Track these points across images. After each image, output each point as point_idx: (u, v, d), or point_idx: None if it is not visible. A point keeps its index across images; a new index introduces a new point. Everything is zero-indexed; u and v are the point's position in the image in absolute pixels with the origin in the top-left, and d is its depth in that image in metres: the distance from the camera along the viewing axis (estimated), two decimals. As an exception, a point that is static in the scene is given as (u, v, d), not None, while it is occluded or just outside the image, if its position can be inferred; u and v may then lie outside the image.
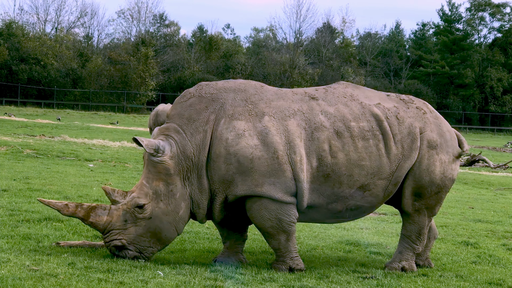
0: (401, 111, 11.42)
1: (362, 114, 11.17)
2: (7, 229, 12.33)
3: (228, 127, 10.71)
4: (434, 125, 11.54)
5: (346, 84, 11.76)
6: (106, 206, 10.73)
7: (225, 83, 11.32)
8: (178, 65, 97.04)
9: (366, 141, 11.01)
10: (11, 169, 21.59)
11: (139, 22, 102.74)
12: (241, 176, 10.59)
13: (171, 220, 10.68)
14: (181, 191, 10.71)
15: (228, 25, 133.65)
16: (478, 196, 24.50)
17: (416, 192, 11.33)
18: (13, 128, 41.47)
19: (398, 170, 11.15)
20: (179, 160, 10.72)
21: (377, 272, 11.12)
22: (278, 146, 10.62)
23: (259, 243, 13.02)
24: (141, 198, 10.60)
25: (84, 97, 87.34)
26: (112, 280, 9.44)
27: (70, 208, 10.64)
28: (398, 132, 11.20)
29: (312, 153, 10.77)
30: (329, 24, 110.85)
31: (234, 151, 10.57)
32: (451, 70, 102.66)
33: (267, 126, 10.72)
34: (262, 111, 10.88)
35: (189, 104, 11.04)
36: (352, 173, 10.90)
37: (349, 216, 11.36)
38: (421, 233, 11.52)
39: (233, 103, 10.93)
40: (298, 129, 10.81)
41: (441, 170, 11.40)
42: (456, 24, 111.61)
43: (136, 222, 10.61)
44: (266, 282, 10.03)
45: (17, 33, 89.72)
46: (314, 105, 11.13)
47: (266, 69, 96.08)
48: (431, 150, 11.34)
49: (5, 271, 9.37)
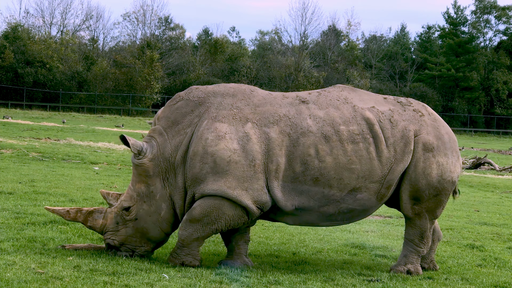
0: (396, 114, 11.39)
1: (353, 118, 11.16)
2: (12, 232, 12.35)
3: (210, 127, 10.82)
4: (431, 127, 11.47)
5: (342, 87, 11.76)
6: (103, 210, 11.24)
7: (215, 87, 11.43)
8: (183, 68, 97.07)
9: (356, 145, 10.99)
10: (16, 172, 21.62)
11: (144, 25, 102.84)
12: (214, 176, 10.65)
13: (154, 221, 10.99)
14: (161, 192, 10.97)
15: (233, 28, 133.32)
16: (483, 199, 24.46)
17: (414, 196, 11.29)
18: (18, 131, 41.54)
19: (390, 173, 11.12)
20: (158, 161, 10.97)
21: (382, 275, 11.11)
22: (256, 155, 10.71)
23: (264, 246, 13.02)
24: (127, 201, 11.07)
25: (89, 100, 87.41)
26: (118, 283, 9.46)
27: (71, 214, 11.25)
28: (391, 136, 11.17)
29: (296, 158, 10.79)
30: (335, 27, 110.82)
31: (212, 151, 10.67)
32: (456, 73, 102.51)
33: (248, 133, 10.80)
34: (246, 117, 10.96)
35: (176, 107, 11.23)
36: (342, 176, 10.90)
37: (343, 219, 11.33)
38: (424, 236, 11.50)
39: (219, 106, 11.05)
40: (280, 136, 10.85)
41: (439, 173, 11.32)
42: (462, 27, 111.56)
43: (125, 223, 11.09)
44: (271, 285, 10.04)
45: (23, 36, 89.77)
46: (303, 109, 11.15)
47: (271, 72, 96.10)
48: (427, 153, 11.28)
49: (11, 274, 9.39)
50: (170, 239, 12.87)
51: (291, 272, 11.05)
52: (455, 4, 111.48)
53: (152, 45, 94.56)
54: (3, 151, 28.62)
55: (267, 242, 13.40)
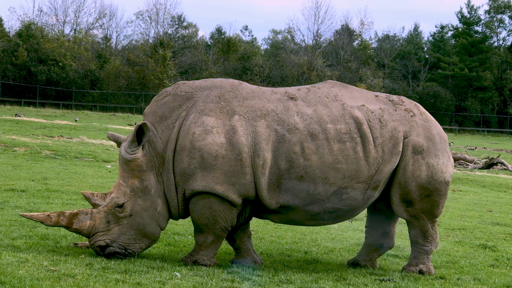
0: (386, 114, 11.29)
1: (341, 116, 11.07)
2: (25, 229, 12.39)
3: (197, 121, 10.79)
4: (422, 128, 11.36)
5: (333, 83, 11.66)
6: (88, 211, 10.85)
7: (202, 82, 11.40)
8: (196, 67, 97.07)
9: (343, 144, 10.90)
10: (29, 170, 21.69)
11: (157, 23, 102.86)
12: (202, 171, 10.63)
13: (151, 215, 10.84)
14: (155, 187, 10.88)
15: (246, 27, 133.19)
16: (496, 199, 24.38)
17: (405, 198, 11.21)
18: (31, 129, 41.64)
19: (377, 174, 11.02)
20: (151, 156, 10.90)
21: (394, 275, 11.11)
22: (243, 148, 10.65)
23: (276, 245, 13.02)
24: (120, 198, 10.80)
25: (102, 98, 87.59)
26: (130, 281, 9.48)
27: (53, 218, 10.77)
28: (379, 136, 11.08)
29: (281, 155, 10.73)
30: (348, 26, 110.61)
31: (199, 146, 10.64)
32: (469, 73, 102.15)
33: (235, 125, 10.74)
34: (233, 110, 10.91)
35: (163, 103, 11.19)
36: (327, 175, 10.82)
37: (328, 218, 11.23)
38: (427, 235, 11.40)
39: (206, 99, 11.01)
40: (267, 130, 10.79)
41: (429, 174, 11.20)
42: (475, 27, 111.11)
43: (118, 221, 10.79)
44: (283, 284, 10.04)
45: (36, 34, 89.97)
46: (291, 105, 11.08)
47: (284, 71, 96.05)
48: (416, 155, 11.18)
49: (23, 271, 9.42)
50: (183, 238, 12.89)
51: (302, 271, 11.05)
52: (469, 3, 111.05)
53: (165, 43, 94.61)
54: (16, 149, 28.71)
55: (279, 241, 13.40)
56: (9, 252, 10.51)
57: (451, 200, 22.46)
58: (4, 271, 9.32)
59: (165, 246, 12.19)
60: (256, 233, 14.01)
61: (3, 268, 9.47)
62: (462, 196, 24.52)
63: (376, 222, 11.87)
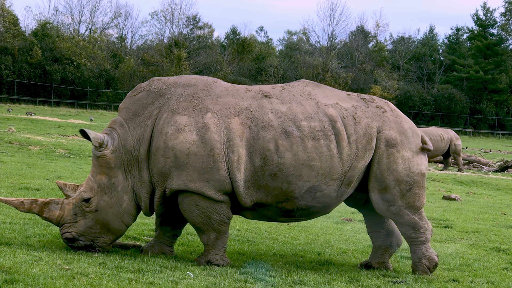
0: (359, 111, 11.31)
1: (315, 114, 11.07)
2: (39, 228, 12.44)
3: (170, 121, 10.82)
4: (394, 123, 11.38)
5: (306, 82, 11.69)
6: (59, 201, 11.06)
7: (176, 78, 11.41)
8: (211, 67, 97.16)
9: (317, 141, 10.89)
10: (44, 169, 21.77)
11: (172, 23, 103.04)
12: (177, 170, 10.66)
13: (115, 212, 10.94)
14: (122, 184, 10.95)
15: (261, 27, 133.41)
16: (510, 202, 24.31)
17: (384, 196, 11.15)
18: (46, 128, 41.78)
19: (351, 170, 11.01)
20: (120, 153, 10.96)
21: (407, 277, 11.08)
22: (215, 144, 10.64)
23: (290, 246, 13.02)
24: (87, 192, 10.94)
25: (117, 98, 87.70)
26: (143, 280, 9.49)
27: (26, 204, 11.02)
28: (354, 132, 11.09)
29: (255, 152, 10.73)
30: (363, 28, 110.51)
31: (172, 145, 10.67)
32: (485, 75, 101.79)
33: (207, 123, 10.74)
34: (206, 107, 10.92)
35: (137, 99, 11.24)
36: (301, 173, 10.80)
37: (301, 215, 11.25)
38: (417, 227, 11.30)
39: (179, 97, 11.05)
40: (241, 127, 10.79)
41: (406, 167, 11.19)
42: (491, 29, 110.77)
43: (84, 215, 10.94)
44: (296, 285, 10.03)
45: (52, 33, 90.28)
46: (265, 103, 11.09)
47: (299, 72, 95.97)
48: (390, 149, 11.18)
49: (37, 269, 9.44)
50: (196, 238, 12.89)
51: (315, 272, 11.04)
52: (484, 6, 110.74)
53: (180, 43, 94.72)
54: (31, 147, 28.81)
55: (292, 242, 13.40)
56: (23, 250, 10.54)
57: (465, 203, 22.42)
58: (18, 269, 9.35)
59: (178, 246, 12.19)
60: (269, 234, 14.03)
61: (17, 266, 9.50)
62: (476, 199, 24.46)
63: (376, 225, 11.88)
